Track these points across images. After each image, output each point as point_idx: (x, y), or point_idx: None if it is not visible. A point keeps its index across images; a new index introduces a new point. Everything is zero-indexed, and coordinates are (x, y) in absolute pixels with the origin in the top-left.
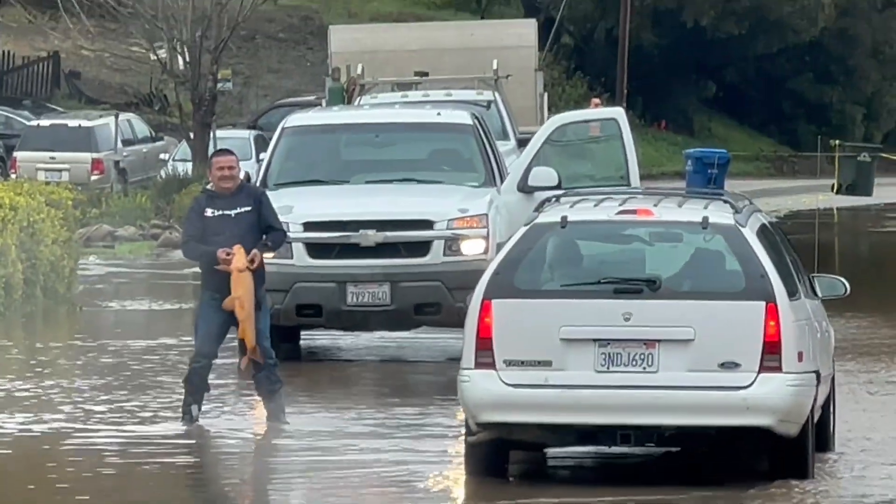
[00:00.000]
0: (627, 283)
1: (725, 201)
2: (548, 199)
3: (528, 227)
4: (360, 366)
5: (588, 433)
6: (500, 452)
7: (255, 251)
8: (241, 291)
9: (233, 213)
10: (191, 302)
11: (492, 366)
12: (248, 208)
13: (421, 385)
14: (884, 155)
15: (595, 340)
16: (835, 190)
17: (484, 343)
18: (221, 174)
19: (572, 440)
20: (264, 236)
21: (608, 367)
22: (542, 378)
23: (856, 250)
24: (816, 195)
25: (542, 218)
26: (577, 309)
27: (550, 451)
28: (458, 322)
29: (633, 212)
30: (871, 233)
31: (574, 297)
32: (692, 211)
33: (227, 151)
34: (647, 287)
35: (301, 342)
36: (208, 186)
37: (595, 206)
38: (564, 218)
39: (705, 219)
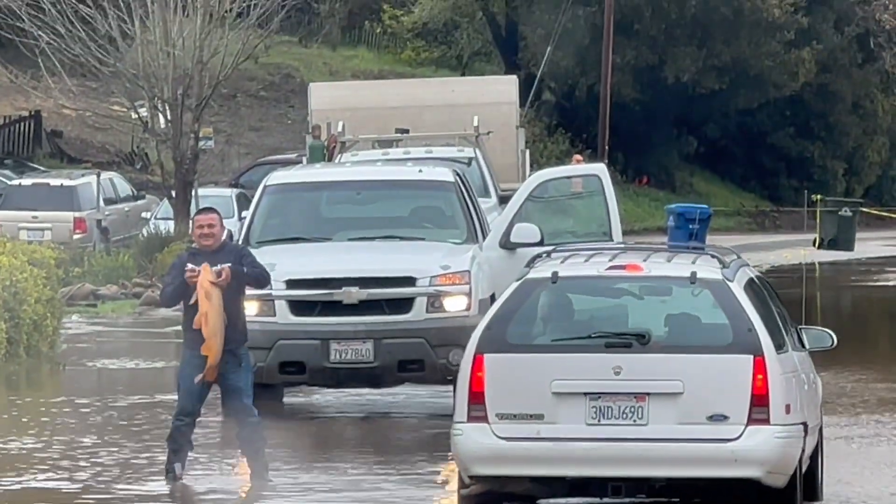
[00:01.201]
0: (617, 337)
1: (713, 256)
2: (539, 255)
3: (519, 282)
4: (343, 423)
5: (580, 485)
6: None
7: (224, 266)
8: (207, 307)
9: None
10: (173, 360)
11: (484, 419)
12: (229, 264)
13: (405, 441)
14: (865, 210)
15: (586, 394)
16: (816, 245)
17: (476, 397)
18: (201, 231)
19: (564, 492)
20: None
21: (599, 420)
22: (534, 431)
23: (838, 305)
24: (798, 250)
25: (534, 273)
26: (568, 363)
27: (542, 502)
28: (441, 379)
29: (623, 267)
30: (853, 287)
31: (565, 352)
32: (680, 266)
33: (210, 209)
34: (636, 341)
35: (284, 399)
36: (193, 245)
37: (585, 261)
38: (555, 273)
39: (693, 273)
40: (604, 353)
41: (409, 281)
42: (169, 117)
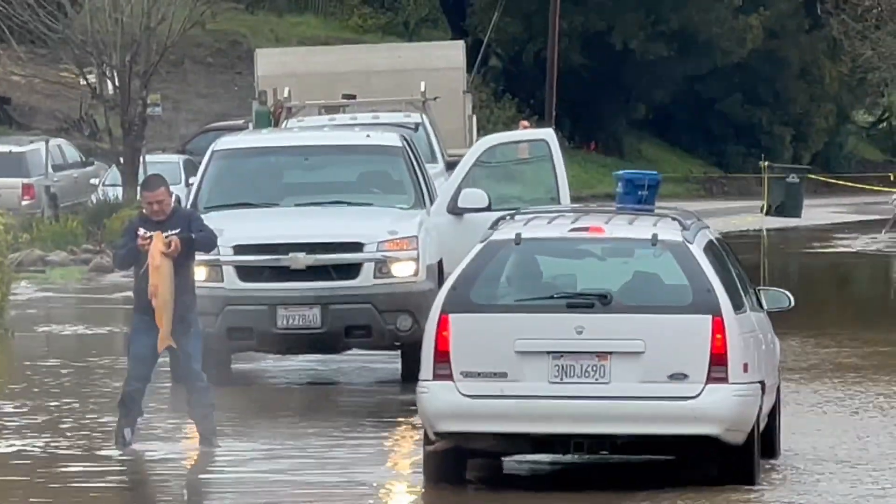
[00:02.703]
0: (580, 297)
1: (674, 219)
2: (502, 217)
3: (483, 243)
4: (291, 389)
5: (543, 442)
6: (458, 460)
7: (173, 237)
8: (158, 279)
9: (164, 235)
10: (122, 326)
11: (449, 377)
12: (179, 230)
13: (352, 407)
14: (812, 176)
15: (549, 353)
16: (764, 211)
17: (442, 356)
18: (151, 209)
19: (528, 449)
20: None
21: (562, 379)
22: (497, 389)
23: (787, 271)
24: (746, 217)
25: (497, 235)
26: (531, 322)
27: (507, 458)
28: (388, 344)
29: (585, 229)
30: (800, 254)
31: (528, 312)
32: (642, 228)
33: (157, 183)
34: (598, 301)
35: (232, 365)
36: (143, 210)
37: (548, 223)
38: (519, 235)
39: (654, 235)
40: (566, 313)
41: (357, 246)
42: (117, 84)
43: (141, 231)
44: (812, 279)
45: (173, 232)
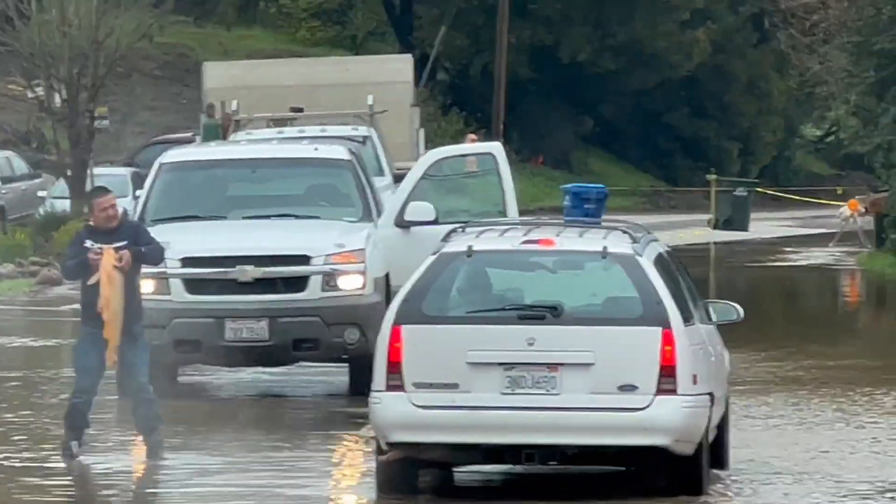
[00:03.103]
0: (531, 309)
1: (624, 232)
2: (454, 230)
3: (435, 255)
4: (239, 402)
5: (494, 452)
6: (410, 470)
7: (124, 252)
8: (109, 292)
9: (111, 247)
10: (70, 338)
11: (401, 388)
12: (126, 241)
13: (299, 420)
14: (760, 190)
15: (500, 364)
16: (711, 225)
17: (394, 367)
18: (105, 214)
19: (479, 459)
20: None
21: (513, 390)
22: (449, 400)
23: (734, 285)
24: (693, 230)
25: (449, 247)
26: (483, 334)
27: (459, 469)
28: (336, 357)
29: (536, 241)
30: (748, 267)
31: (480, 323)
32: (592, 241)
33: (105, 190)
34: (549, 313)
35: (179, 378)
36: (89, 221)
37: (500, 235)
38: (470, 247)
39: (605, 248)
40: (517, 324)
41: (304, 259)
42: (65, 96)
43: (89, 243)
44: (759, 293)
45: (121, 244)
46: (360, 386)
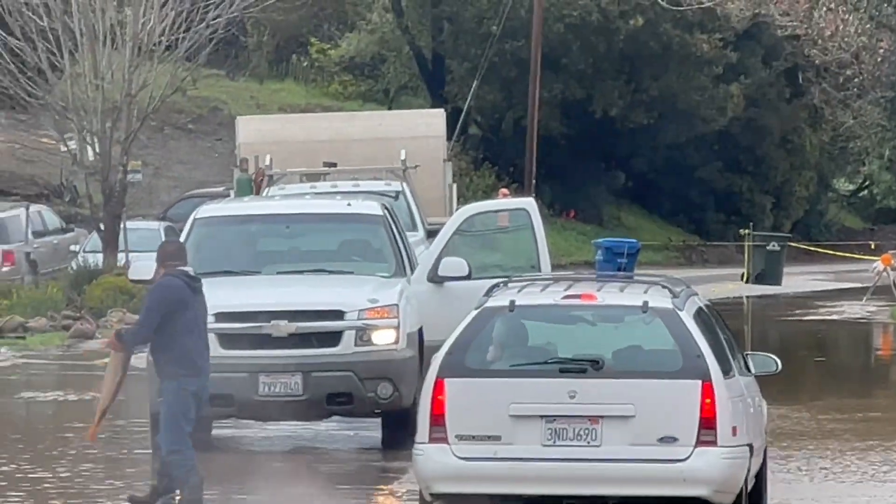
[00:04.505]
0: (572, 363)
1: (664, 286)
2: (496, 285)
3: (478, 310)
4: (271, 455)
5: (536, 503)
6: None
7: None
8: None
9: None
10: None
11: (444, 440)
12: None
13: (334, 474)
14: (792, 244)
15: (542, 416)
16: (744, 279)
17: (437, 419)
18: None
19: None
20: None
21: (554, 442)
22: (492, 451)
23: (766, 339)
24: (726, 284)
25: (492, 302)
26: (525, 387)
27: None
28: (369, 412)
29: (578, 296)
30: (781, 321)
31: (522, 377)
32: (633, 295)
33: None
34: (590, 367)
35: (213, 432)
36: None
37: (542, 290)
38: (513, 302)
39: (645, 303)
40: (559, 377)
41: (338, 314)
42: (98, 150)
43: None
44: (793, 346)
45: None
46: (392, 440)
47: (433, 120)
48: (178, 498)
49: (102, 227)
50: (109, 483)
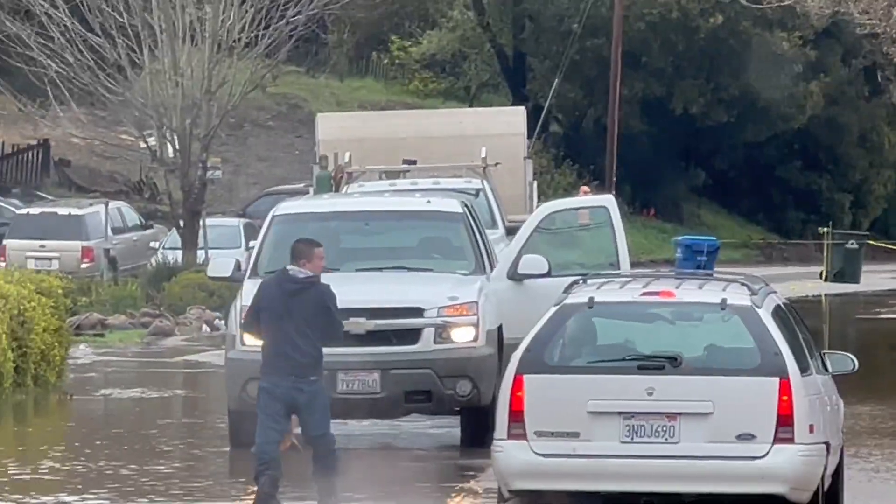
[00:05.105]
0: (650, 359)
1: (743, 284)
2: (575, 282)
3: (557, 307)
4: (349, 453)
5: (614, 500)
6: None
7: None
8: None
9: None
10: (180, 390)
11: (523, 437)
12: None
13: (412, 472)
14: (871, 242)
15: (620, 413)
16: (823, 277)
17: (516, 415)
18: (322, 265)
19: None
20: None
21: (632, 439)
22: (570, 448)
23: (845, 337)
24: (805, 282)
25: (571, 299)
26: (603, 384)
27: None
28: (448, 409)
29: (656, 293)
30: (860, 319)
31: (600, 373)
32: (711, 292)
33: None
34: (668, 364)
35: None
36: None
37: (620, 287)
38: (591, 299)
39: (724, 300)
40: (637, 374)
41: (417, 312)
42: (177, 147)
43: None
44: (871, 344)
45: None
46: (471, 438)
47: (513, 118)
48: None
49: (182, 223)
50: (196, 480)
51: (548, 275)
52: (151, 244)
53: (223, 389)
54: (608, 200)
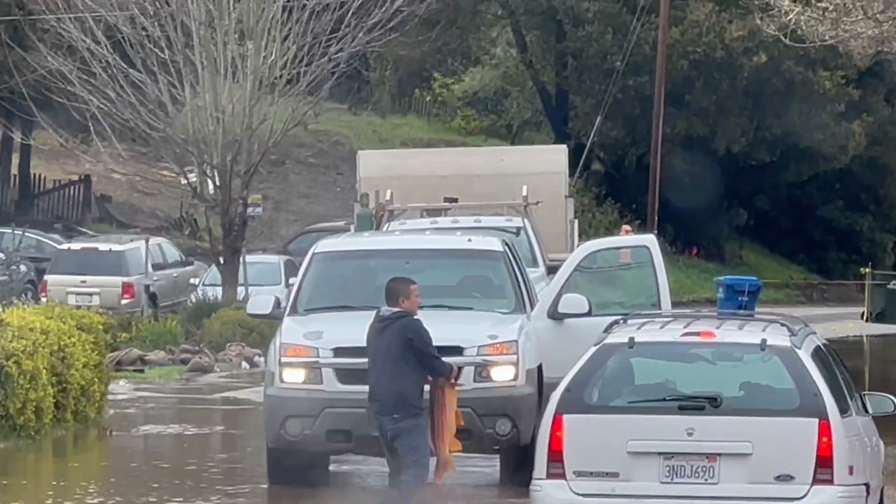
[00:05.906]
0: (691, 400)
1: (783, 325)
2: (616, 321)
3: (597, 347)
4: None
5: None
6: None
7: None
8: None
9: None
10: (219, 426)
11: (562, 476)
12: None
13: None
14: None
15: (660, 454)
16: (864, 317)
17: (555, 455)
18: (418, 301)
19: None
20: None
21: (672, 479)
22: (609, 488)
23: (887, 377)
24: (846, 322)
25: (611, 339)
26: (643, 424)
27: None
28: (487, 448)
29: (697, 333)
30: None
31: (640, 413)
32: (751, 333)
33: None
34: (709, 404)
35: (330, 467)
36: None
37: (661, 328)
38: (632, 339)
39: (763, 341)
40: (677, 415)
41: (457, 350)
42: (218, 183)
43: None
44: None
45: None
46: (511, 477)
47: (555, 156)
48: None
49: (222, 260)
50: None
51: (588, 314)
52: (191, 280)
53: (262, 426)
54: (650, 240)
